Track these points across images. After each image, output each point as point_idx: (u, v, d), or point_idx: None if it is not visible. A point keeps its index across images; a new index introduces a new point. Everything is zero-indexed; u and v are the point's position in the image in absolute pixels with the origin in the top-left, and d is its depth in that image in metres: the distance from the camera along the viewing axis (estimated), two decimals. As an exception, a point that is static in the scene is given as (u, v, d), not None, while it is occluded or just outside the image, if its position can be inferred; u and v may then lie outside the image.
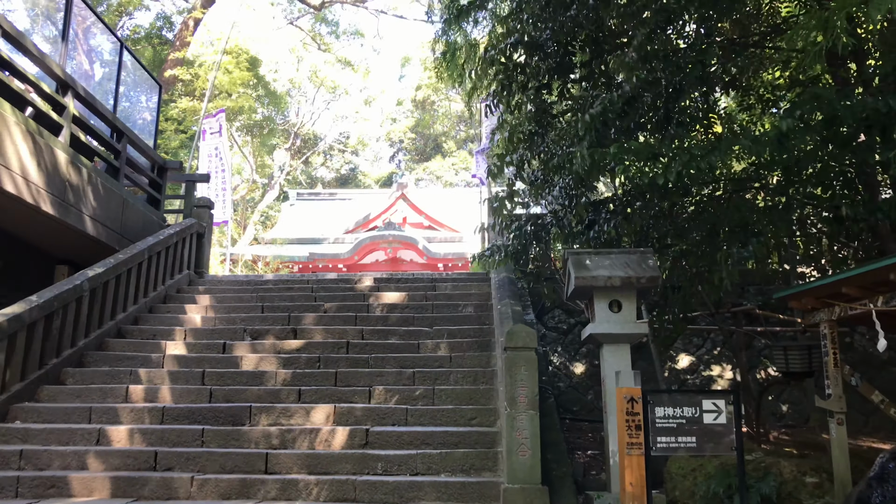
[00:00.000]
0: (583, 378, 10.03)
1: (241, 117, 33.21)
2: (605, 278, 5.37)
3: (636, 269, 5.43)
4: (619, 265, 5.48)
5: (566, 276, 5.84)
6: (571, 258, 5.62)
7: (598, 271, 5.42)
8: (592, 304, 5.58)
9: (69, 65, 9.06)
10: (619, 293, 5.46)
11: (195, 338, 8.26)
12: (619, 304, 5.49)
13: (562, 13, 5.88)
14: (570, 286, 5.71)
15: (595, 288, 5.45)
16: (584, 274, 5.40)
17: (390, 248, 27.95)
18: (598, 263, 5.51)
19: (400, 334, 8.17)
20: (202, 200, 11.08)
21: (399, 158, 48.82)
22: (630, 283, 5.38)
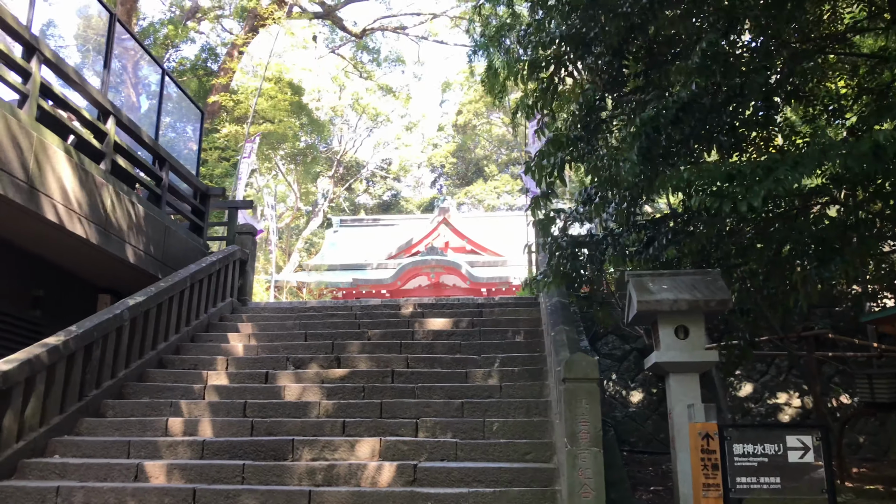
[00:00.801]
0: (640, 407, 9.53)
1: (285, 146, 33.54)
2: (670, 302, 4.96)
3: (704, 291, 5.01)
4: (685, 287, 5.07)
5: (626, 300, 5.45)
6: (632, 280, 5.23)
7: (662, 294, 5.01)
8: (656, 331, 5.17)
9: (111, 93, 9.05)
10: (685, 318, 5.04)
11: (237, 367, 8.04)
12: (686, 330, 5.06)
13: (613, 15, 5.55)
14: (630, 311, 5.31)
15: (659, 313, 5.04)
16: (648, 298, 5.00)
17: (433, 273, 27.75)
18: (662, 286, 5.11)
19: (447, 362, 7.83)
20: (245, 227, 10.94)
21: (440, 183, 48.79)
22: (698, 306, 4.95)
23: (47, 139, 6.97)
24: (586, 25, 5.68)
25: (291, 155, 36.66)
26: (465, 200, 43.04)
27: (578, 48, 5.73)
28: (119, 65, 10.12)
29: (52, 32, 11.10)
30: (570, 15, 5.81)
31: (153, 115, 9.69)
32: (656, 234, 5.70)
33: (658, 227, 5.85)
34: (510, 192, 43.37)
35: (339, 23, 32.33)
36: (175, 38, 31.03)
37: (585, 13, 5.62)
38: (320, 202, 46.26)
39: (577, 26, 5.67)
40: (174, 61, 33.71)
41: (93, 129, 8.10)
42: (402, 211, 45.70)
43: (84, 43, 11.57)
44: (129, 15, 24.71)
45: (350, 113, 44.37)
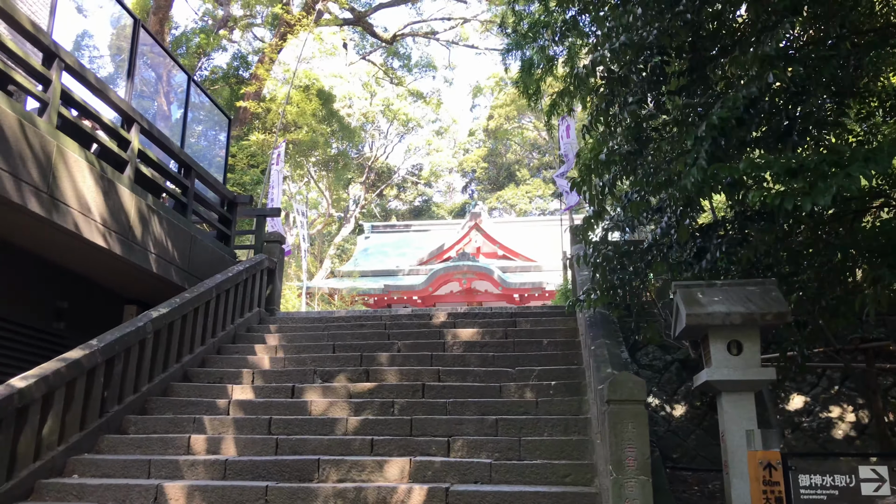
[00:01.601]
0: (683, 421, 9.07)
1: (316, 152, 33.52)
2: (722, 315, 4.56)
3: (759, 303, 4.60)
4: (738, 299, 4.67)
5: (673, 313, 5.06)
6: (680, 292, 4.84)
7: (713, 307, 4.62)
8: (706, 346, 4.77)
9: (136, 101, 8.89)
10: (739, 332, 4.64)
11: (263, 380, 7.79)
12: (740, 346, 4.66)
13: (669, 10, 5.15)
14: (678, 324, 4.92)
15: (710, 327, 4.64)
16: (698, 310, 4.60)
17: (465, 278, 27.44)
18: (713, 297, 4.71)
19: (479, 376, 7.49)
20: (273, 235, 10.73)
21: (472, 188, 48.49)
22: (753, 320, 4.55)
23: (68, 147, 6.79)
24: (645, 27, 5.32)
25: (323, 162, 36.68)
26: (496, 205, 42.66)
27: (639, 53, 5.36)
28: (146, 72, 9.99)
29: (86, 43, 11.04)
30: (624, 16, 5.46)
31: (179, 122, 9.52)
32: (707, 243, 5.29)
33: (709, 234, 5.42)
34: (542, 197, 42.92)
35: (369, 29, 32.25)
36: (207, 47, 31.22)
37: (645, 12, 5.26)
38: (352, 208, 46.28)
39: (637, 26, 5.30)
40: (206, 70, 33.97)
41: (116, 138, 7.93)
42: (433, 216, 45.48)
43: (118, 52, 11.51)
44: (161, 24, 24.88)
45: (381, 119, 44.34)
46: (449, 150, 48.52)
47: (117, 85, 8.10)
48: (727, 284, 4.84)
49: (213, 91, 30.09)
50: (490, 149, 46.23)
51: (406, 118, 43.36)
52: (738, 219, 5.25)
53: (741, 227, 5.11)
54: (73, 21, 8.64)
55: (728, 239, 5.12)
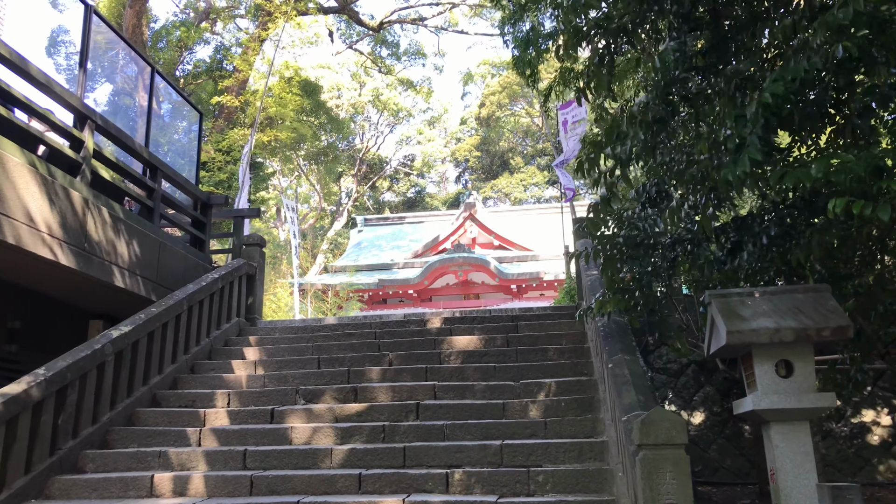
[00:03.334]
0: (702, 429, 8.33)
1: (304, 145, 32.64)
2: (770, 331, 3.79)
3: (813, 315, 3.83)
4: (787, 310, 3.90)
5: (707, 326, 4.29)
6: (717, 303, 4.07)
7: (759, 321, 3.85)
8: (750, 366, 4.01)
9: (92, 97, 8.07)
10: (789, 350, 3.88)
11: (240, 403, 7.02)
12: (790, 366, 3.90)
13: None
14: (715, 340, 4.16)
15: (755, 345, 3.88)
16: (740, 326, 3.84)
17: (461, 270, 26.77)
18: (757, 309, 3.94)
19: (480, 391, 6.73)
20: (252, 238, 9.92)
21: (465, 178, 47.67)
22: (807, 336, 3.79)
23: (5, 151, 5.97)
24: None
25: (313, 155, 35.83)
26: (491, 195, 41.87)
27: (651, 6, 4.52)
28: (105, 66, 9.15)
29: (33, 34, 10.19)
30: None
31: (143, 119, 8.69)
32: (742, 240, 4.50)
33: (745, 228, 4.64)
34: (537, 185, 42.14)
35: (354, 16, 31.24)
36: (188, 41, 30.22)
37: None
38: (344, 201, 45.42)
39: None
40: (189, 64, 32.98)
41: (67, 138, 7.11)
42: (427, 208, 44.67)
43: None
44: (138, 17, 23.89)
45: (371, 109, 43.47)
46: (441, 139, 47.67)
47: (69, 80, 7.28)
48: (772, 292, 4.07)
49: (196, 86, 29.14)
50: (483, 137, 45.35)
51: (396, 108, 42.49)
52: (777, 210, 4.47)
53: (781, 220, 4.33)
54: (14, 7, 7.79)
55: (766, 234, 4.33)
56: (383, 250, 32.10)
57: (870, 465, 7.81)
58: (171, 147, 9.48)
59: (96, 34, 8.92)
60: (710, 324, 4.22)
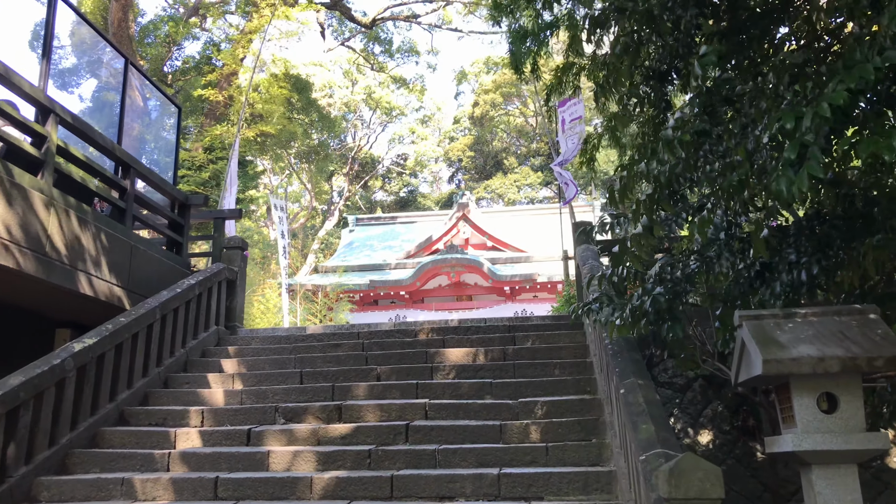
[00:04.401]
0: (711, 449, 7.82)
1: (295, 143, 32.08)
2: (813, 360, 3.28)
3: (861, 342, 3.33)
4: (831, 336, 3.39)
5: (736, 352, 3.78)
6: (748, 325, 3.56)
7: (799, 348, 3.34)
8: (787, 399, 3.50)
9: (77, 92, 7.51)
10: (833, 382, 3.37)
11: (215, 422, 6.48)
12: (834, 401, 3.39)
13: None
14: (745, 369, 3.65)
15: (794, 376, 3.37)
16: (778, 354, 3.32)
17: (453, 272, 26.30)
18: (797, 334, 3.43)
19: (475, 411, 6.20)
20: (233, 241, 9.37)
21: (458, 178, 47.12)
22: (856, 366, 3.28)
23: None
24: None
25: (304, 153, 35.28)
26: (484, 195, 41.35)
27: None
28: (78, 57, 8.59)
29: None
30: None
31: (115, 114, 8.12)
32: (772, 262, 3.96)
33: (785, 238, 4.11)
34: (531, 185, 41.66)
35: (346, 13, 30.69)
36: (177, 36, 29.61)
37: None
38: (335, 201, 44.83)
39: None
40: (178, 60, 32.37)
41: (28, 133, 6.56)
42: (419, 207, 44.14)
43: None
44: (124, 11, 23.25)
45: (363, 107, 42.92)
46: (434, 138, 47.17)
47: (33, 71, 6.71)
48: (811, 314, 3.56)
49: (185, 82, 28.52)
50: (476, 137, 44.84)
51: (389, 106, 41.96)
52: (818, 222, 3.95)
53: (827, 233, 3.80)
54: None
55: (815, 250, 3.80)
56: (375, 250, 31.59)
57: (890, 487, 7.32)
58: (147, 144, 8.93)
59: (77, 27, 8.39)
60: (739, 349, 3.71)
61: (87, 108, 15.28)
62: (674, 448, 3.56)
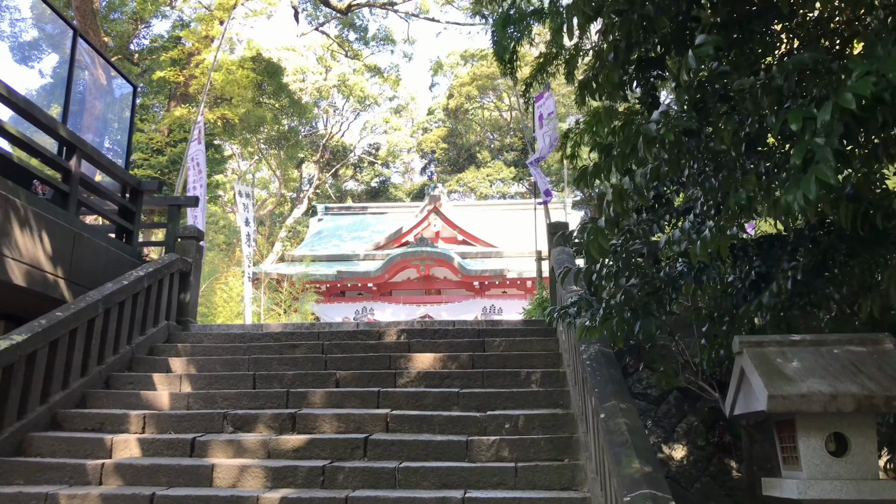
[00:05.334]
0: (685, 466, 7.50)
1: (264, 128, 31.29)
2: (824, 398, 2.90)
3: (878, 376, 2.95)
4: (843, 369, 3.01)
5: (734, 381, 3.38)
6: (749, 353, 3.16)
7: (808, 383, 2.95)
8: (790, 437, 3.12)
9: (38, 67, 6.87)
10: (845, 422, 2.99)
11: (157, 428, 5.96)
12: (844, 442, 3.01)
13: None
14: (745, 400, 3.26)
15: (801, 414, 2.98)
16: (785, 389, 2.93)
17: (423, 265, 25.84)
18: (804, 364, 3.05)
19: (440, 424, 5.77)
20: (188, 230, 8.80)
21: (431, 170, 46.63)
22: (872, 405, 2.90)
23: None
24: None
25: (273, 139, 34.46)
26: (456, 188, 40.90)
27: None
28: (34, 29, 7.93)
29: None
30: None
31: (60, 90, 7.50)
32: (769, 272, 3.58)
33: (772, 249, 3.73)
34: (503, 180, 41.30)
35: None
36: (144, 13, 28.61)
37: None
38: (305, 188, 44.00)
39: None
40: (146, 38, 31.30)
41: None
42: (390, 198, 43.56)
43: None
44: (87, -16, 22.33)
45: (336, 95, 42.14)
46: (407, 128, 46.57)
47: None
48: (818, 342, 3.18)
49: (152, 62, 27.55)
50: (450, 129, 44.32)
51: (363, 94, 41.26)
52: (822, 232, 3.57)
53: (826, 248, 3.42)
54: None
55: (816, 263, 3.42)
56: (344, 241, 30.99)
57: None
58: (98, 124, 8.31)
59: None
60: (737, 377, 3.32)
61: (47, 84, 14.40)
62: (661, 488, 3.16)
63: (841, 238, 3.41)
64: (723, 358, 4.77)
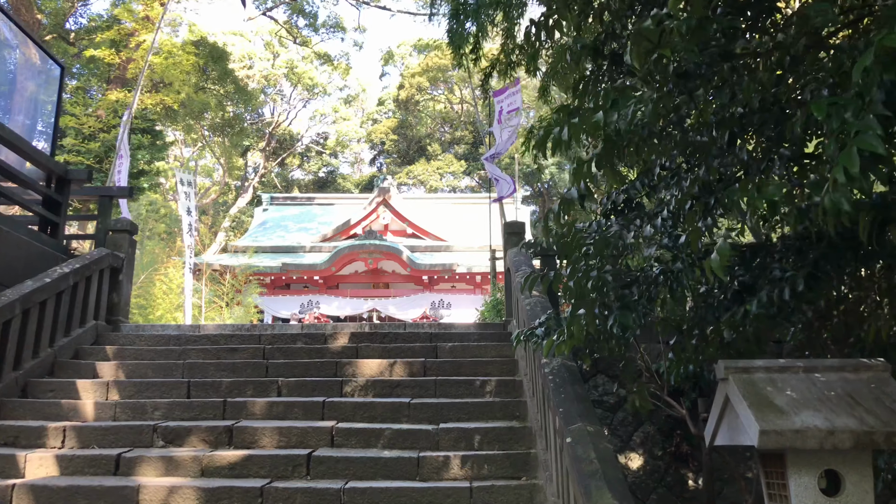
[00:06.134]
0: (641, 476, 7.29)
1: (208, 114, 30.31)
2: (820, 434, 2.62)
3: (877, 409, 2.69)
4: (838, 400, 2.75)
5: (717, 408, 3.09)
6: (736, 380, 2.87)
7: (802, 416, 2.67)
8: (779, 474, 2.84)
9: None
10: (840, 459, 2.73)
11: (79, 442, 5.44)
12: (837, 479, 2.75)
13: None
14: (733, 433, 2.98)
15: (793, 450, 2.70)
16: (778, 424, 2.64)
17: (371, 258, 25.35)
18: (796, 394, 2.78)
19: (389, 438, 5.40)
20: (121, 223, 8.20)
21: (381, 161, 46.01)
22: (872, 441, 2.64)
23: None
24: None
25: (218, 126, 33.42)
26: (406, 180, 40.40)
27: None
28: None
29: None
30: None
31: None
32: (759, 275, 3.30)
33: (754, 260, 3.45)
34: (454, 174, 40.98)
35: (270, -20, 29.06)
36: (80, -10, 27.27)
37: None
38: (250, 177, 42.88)
39: None
40: (84, 17, 29.89)
41: None
42: (338, 189, 42.83)
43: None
44: (19, -43, 21.11)
45: (284, 82, 41.14)
46: (357, 118, 45.87)
47: None
48: (810, 368, 2.92)
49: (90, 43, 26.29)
50: (400, 120, 43.75)
51: (311, 83, 40.38)
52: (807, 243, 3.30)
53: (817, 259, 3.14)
54: None
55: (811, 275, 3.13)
56: (289, 232, 30.27)
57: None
58: (19, 107, 7.64)
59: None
60: (720, 405, 3.03)
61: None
62: (638, 528, 2.85)
63: (832, 248, 3.15)
64: (691, 373, 4.51)
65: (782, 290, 3.14)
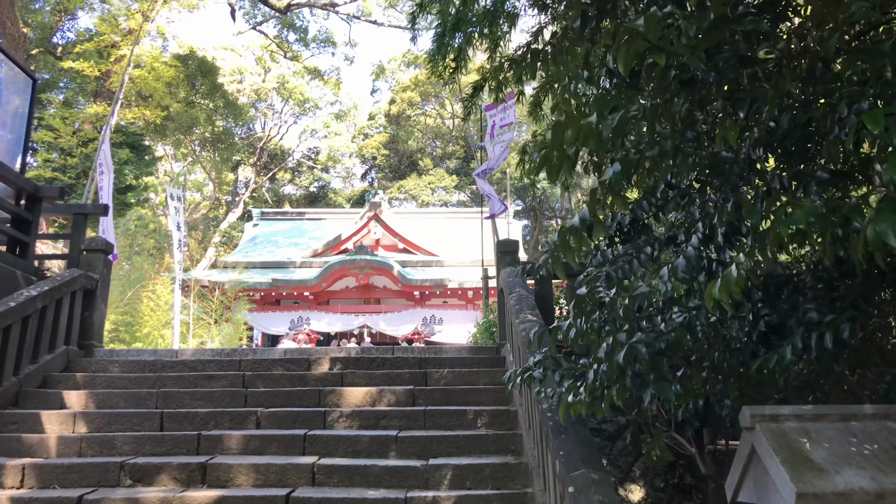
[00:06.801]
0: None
1: (198, 129, 29.97)
2: (868, 499, 2.26)
3: (927, 466, 2.35)
4: (884, 454, 2.40)
5: (742, 461, 2.74)
6: (765, 431, 2.52)
7: (846, 475, 2.32)
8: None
9: None
10: (884, 522, 2.38)
11: (38, 482, 5.02)
12: (884, 546, 2.40)
13: None
14: (761, 492, 2.61)
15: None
16: (817, 485, 2.29)
17: (362, 273, 24.97)
18: (835, 448, 2.43)
19: (375, 476, 5.01)
20: (95, 242, 7.81)
21: (372, 176, 45.70)
22: (923, 506, 2.30)
23: None
24: None
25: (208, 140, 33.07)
26: (397, 195, 40.09)
27: None
28: None
29: None
30: None
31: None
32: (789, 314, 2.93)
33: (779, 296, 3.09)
34: (445, 188, 40.69)
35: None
36: (69, 4, 26.96)
37: None
38: (240, 192, 42.49)
39: None
40: (72, 32, 29.54)
41: None
42: (330, 204, 42.45)
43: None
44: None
45: (275, 97, 40.87)
46: (348, 133, 45.60)
47: None
48: (847, 416, 2.57)
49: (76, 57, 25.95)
50: (392, 135, 43.49)
51: (303, 98, 40.12)
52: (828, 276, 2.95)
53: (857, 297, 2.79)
54: None
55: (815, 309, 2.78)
56: (280, 247, 29.88)
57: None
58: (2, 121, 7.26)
59: None
60: (745, 457, 2.68)
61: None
62: None
63: (870, 282, 2.80)
64: (700, 410, 4.16)
65: (822, 336, 2.77)
